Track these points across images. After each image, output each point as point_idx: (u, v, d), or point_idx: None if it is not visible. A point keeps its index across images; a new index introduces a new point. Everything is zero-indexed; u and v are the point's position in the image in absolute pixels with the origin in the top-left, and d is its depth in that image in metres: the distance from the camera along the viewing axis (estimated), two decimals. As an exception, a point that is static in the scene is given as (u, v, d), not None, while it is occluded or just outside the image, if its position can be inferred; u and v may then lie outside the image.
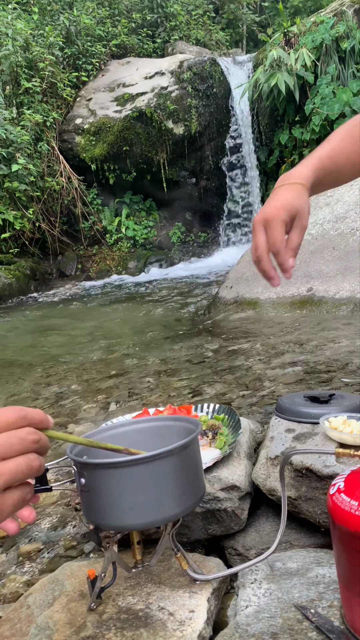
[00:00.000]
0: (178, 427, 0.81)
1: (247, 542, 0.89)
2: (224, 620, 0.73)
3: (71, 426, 1.62)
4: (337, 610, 0.66)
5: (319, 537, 0.87)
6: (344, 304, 2.80)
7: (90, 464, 0.69)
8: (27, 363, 2.68)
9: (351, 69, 5.61)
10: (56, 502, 1.18)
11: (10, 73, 6.55)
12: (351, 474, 0.65)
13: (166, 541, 0.74)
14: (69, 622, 0.71)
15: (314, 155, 0.90)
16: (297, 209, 0.81)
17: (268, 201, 0.84)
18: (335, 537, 0.64)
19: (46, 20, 7.68)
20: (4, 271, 5.65)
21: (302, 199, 0.82)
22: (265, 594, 0.72)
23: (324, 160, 0.89)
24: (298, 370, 1.85)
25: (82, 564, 0.85)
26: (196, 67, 6.88)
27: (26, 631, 0.71)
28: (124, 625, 0.68)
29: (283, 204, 0.81)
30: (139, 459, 0.66)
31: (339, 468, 0.84)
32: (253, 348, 2.29)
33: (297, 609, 0.68)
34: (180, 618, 0.68)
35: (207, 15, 9.85)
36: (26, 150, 6.18)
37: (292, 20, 6.43)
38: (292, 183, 0.84)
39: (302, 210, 0.81)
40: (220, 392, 1.74)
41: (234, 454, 0.96)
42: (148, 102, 6.76)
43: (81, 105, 7.23)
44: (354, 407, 1.02)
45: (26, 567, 0.98)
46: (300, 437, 0.96)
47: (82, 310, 4.71)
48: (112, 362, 2.46)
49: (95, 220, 7.13)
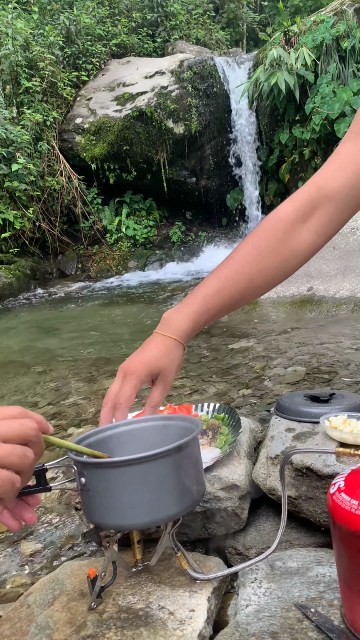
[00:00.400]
0: (178, 427, 0.81)
1: (247, 542, 0.89)
2: (224, 619, 0.73)
3: (71, 428, 1.62)
4: (338, 610, 0.66)
5: (319, 537, 0.87)
6: (344, 303, 2.80)
7: (91, 464, 0.69)
8: (27, 362, 2.68)
9: (351, 68, 5.61)
10: (56, 501, 1.18)
11: (10, 72, 6.55)
12: (351, 473, 0.65)
13: (166, 540, 0.74)
14: (69, 622, 0.71)
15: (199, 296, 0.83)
16: (160, 367, 0.80)
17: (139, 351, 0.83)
18: (335, 536, 0.64)
19: (46, 20, 7.68)
20: (4, 271, 5.65)
21: (170, 356, 0.81)
22: (266, 593, 0.72)
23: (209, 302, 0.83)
24: (298, 369, 1.85)
25: (83, 563, 0.85)
26: (196, 67, 6.88)
27: (26, 630, 0.71)
28: (124, 625, 0.68)
29: (147, 362, 0.80)
30: (139, 458, 0.66)
31: (339, 467, 0.84)
32: (253, 347, 2.29)
33: (298, 608, 0.68)
34: (181, 617, 0.68)
35: (207, 14, 9.85)
36: (26, 149, 6.18)
37: (292, 20, 6.43)
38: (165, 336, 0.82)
39: (166, 370, 0.81)
40: (220, 391, 1.74)
41: (234, 454, 0.96)
42: (148, 102, 6.75)
43: (81, 105, 7.23)
44: (355, 406, 1.02)
45: (26, 566, 0.98)
46: (301, 436, 0.96)
47: (82, 309, 4.71)
48: (113, 361, 2.46)
49: (96, 219, 7.13)
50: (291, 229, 0.84)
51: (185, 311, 0.83)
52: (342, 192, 0.82)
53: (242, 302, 0.86)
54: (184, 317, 0.82)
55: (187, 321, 0.82)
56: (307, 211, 0.84)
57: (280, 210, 0.86)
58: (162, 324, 0.84)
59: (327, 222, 0.84)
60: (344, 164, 0.83)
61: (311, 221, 0.84)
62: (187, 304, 0.84)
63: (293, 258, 0.85)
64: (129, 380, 0.80)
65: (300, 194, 0.85)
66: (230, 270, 0.84)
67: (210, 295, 0.83)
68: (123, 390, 0.80)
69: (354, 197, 0.83)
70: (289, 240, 0.84)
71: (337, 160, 0.85)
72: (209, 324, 0.86)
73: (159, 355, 0.81)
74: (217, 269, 0.85)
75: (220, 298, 0.83)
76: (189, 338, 0.83)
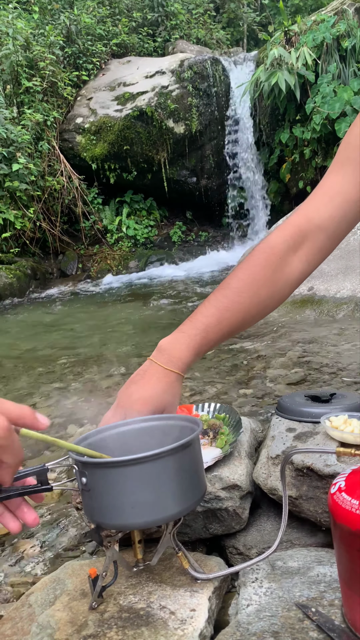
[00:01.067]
0: (179, 427, 0.81)
1: (248, 541, 0.89)
2: (225, 619, 0.73)
3: (71, 426, 1.62)
4: (338, 609, 0.67)
5: (320, 536, 0.87)
6: (345, 303, 2.80)
7: (92, 464, 0.69)
8: (27, 362, 2.68)
9: (352, 67, 5.60)
10: (58, 501, 1.18)
11: (10, 72, 6.55)
12: (352, 473, 0.65)
13: (167, 540, 0.74)
14: (70, 621, 0.71)
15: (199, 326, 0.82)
16: (164, 406, 0.80)
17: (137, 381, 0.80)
18: (336, 536, 0.64)
19: (47, 20, 7.67)
20: (4, 271, 5.65)
21: (173, 392, 0.80)
22: (267, 592, 0.72)
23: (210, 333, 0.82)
24: (299, 369, 1.85)
25: (84, 563, 0.85)
26: (197, 66, 6.88)
27: (27, 630, 0.71)
28: (126, 624, 0.68)
29: (150, 401, 0.78)
30: (140, 458, 0.67)
31: (340, 467, 0.84)
32: (254, 347, 2.29)
33: (298, 608, 0.68)
34: (182, 617, 0.68)
35: (208, 14, 9.84)
36: (27, 149, 6.18)
37: (292, 19, 6.43)
38: (167, 370, 0.80)
39: (169, 407, 0.80)
40: (221, 391, 1.75)
41: (235, 453, 0.96)
42: (149, 101, 6.75)
43: (82, 105, 7.23)
44: (355, 406, 1.02)
45: (28, 566, 0.98)
46: (301, 436, 0.96)
47: (83, 309, 4.71)
48: (113, 361, 2.46)
49: (96, 219, 7.12)
50: (284, 259, 0.85)
51: (187, 342, 0.81)
52: (333, 221, 0.85)
53: (235, 332, 0.87)
54: (186, 349, 0.81)
55: (189, 354, 0.81)
56: (298, 241, 0.86)
57: (271, 240, 0.87)
58: (161, 354, 0.81)
59: (317, 251, 0.87)
60: (332, 194, 0.85)
61: (302, 250, 0.86)
62: (188, 333, 0.82)
63: (286, 286, 0.87)
64: (129, 416, 0.80)
65: (289, 225, 0.87)
66: (229, 300, 0.84)
67: (211, 326, 0.82)
68: None
69: (343, 226, 0.86)
70: (282, 269, 0.85)
71: (325, 192, 0.87)
72: (214, 345, 0.85)
73: (161, 392, 0.79)
74: (215, 299, 0.85)
75: (220, 330, 0.83)
76: (188, 370, 0.82)
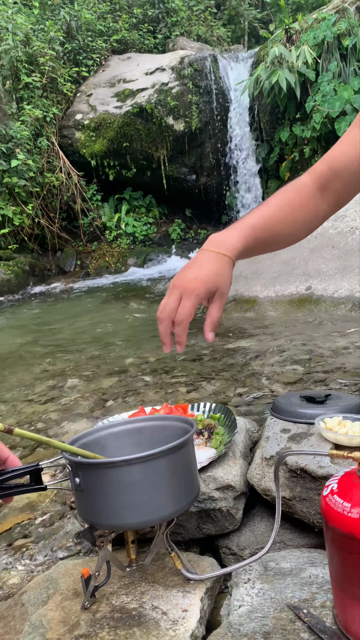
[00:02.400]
0: (173, 427, 0.81)
1: (241, 542, 0.90)
2: (217, 619, 0.74)
3: (67, 424, 1.62)
4: (330, 611, 0.67)
5: (312, 538, 0.87)
6: (343, 302, 2.81)
7: (85, 464, 0.69)
8: (25, 359, 2.68)
9: (353, 66, 5.59)
10: (51, 500, 1.18)
11: (10, 68, 6.52)
12: (344, 476, 0.66)
13: (160, 541, 0.74)
14: (62, 621, 0.71)
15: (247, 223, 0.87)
16: (217, 285, 0.81)
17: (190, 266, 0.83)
18: (328, 538, 0.64)
19: (47, 15, 7.64)
20: (2, 267, 5.64)
21: (225, 274, 0.82)
22: (259, 593, 0.72)
23: (257, 230, 0.86)
24: (295, 369, 1.85)
25: (77, 562, 0.85)
26: (197, 64, 6.86)
27: (20, 629, 0.71)
28: (118, 624, 0.68)
29: (205, 280, 0.80)
30: (133, 459, 0.67)
31: (333, 469, 0.84)
32: (250, 346, 2.29)
33: (290, 609, 0.68)
34: (174, 617, 0.69)
35: (209, 11, 9.81)
36: (26, 145, 6.16)
37: (293, 17, 6.41)
38: (219, 253, 0.82)
39: (222, 287, 0.81)
40: (217, 390, 1.75)
41: (229, 454, 0.96)
42: (148, 98, 6.73)
43: (81, 101, 7.20)
44: (350, 407, 1.02)
45: (21, 565, 0.98)
46: (296, 437, 0.96)
47: (80, 306, 4.71)
48: (110, 359, 2.46)
49: (95, 216, 7.11)
50: (314, 193, 0.94)
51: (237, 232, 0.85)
52: (347, 170, 0.93)
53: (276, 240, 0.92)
54: (236, 236, 0.85)
55: (239, 241, 0.84)
56: (323, 183, 0.95)
57: (302, 179, 0.96)
58: (212, 243, 0.84)
59: (336, 197, 0.96)
60: (348, 147, 0.94)
61: (326, 192, 0.95)
62: (237, 228, 0.86)
63: (315, 219, 0.95)
64: (189, 299, 0.79)
65: (315, 170, 0.97)
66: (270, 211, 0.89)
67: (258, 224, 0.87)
68: (184, 307, 0.79)
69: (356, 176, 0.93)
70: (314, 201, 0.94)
71: (343, 143, 0.96)
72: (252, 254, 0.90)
73: (215, 272, 0.81)
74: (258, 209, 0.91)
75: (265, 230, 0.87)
76: (239, 258, 0.85)
